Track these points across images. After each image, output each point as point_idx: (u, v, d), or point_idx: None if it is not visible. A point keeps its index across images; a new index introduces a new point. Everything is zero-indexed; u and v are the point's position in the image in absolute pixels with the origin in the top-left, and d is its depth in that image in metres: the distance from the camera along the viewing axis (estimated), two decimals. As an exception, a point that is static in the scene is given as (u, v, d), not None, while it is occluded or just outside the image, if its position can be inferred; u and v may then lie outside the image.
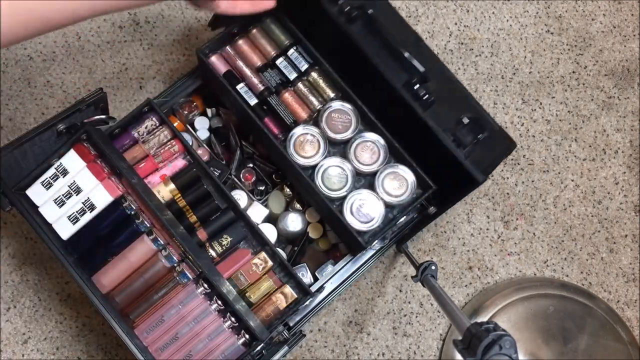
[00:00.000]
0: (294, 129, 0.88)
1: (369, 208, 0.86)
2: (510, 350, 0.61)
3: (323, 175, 0.88)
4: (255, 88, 0.90)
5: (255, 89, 0.90)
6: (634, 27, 1.24)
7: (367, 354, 1.06)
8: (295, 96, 0.90)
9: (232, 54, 0.91)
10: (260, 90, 0.89)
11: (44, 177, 0.84)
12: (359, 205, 0.87)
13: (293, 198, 0.99)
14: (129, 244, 0.84)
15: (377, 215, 0.86)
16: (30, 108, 1.08)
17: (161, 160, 0.88)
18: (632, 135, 1.19)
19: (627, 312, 1.12)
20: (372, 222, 0.86)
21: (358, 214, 0.86)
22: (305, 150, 0.88)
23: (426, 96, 0.83)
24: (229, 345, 0.83)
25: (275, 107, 0.89)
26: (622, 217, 1.15)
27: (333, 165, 0.88)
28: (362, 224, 0.86)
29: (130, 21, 1.14)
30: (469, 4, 1.22)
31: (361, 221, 0.86)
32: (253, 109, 0.89)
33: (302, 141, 0.88)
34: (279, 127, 0.90)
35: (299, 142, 0.88)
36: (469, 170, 0.82)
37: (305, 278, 0.95)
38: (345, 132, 0.88)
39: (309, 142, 0.87)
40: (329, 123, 0.88)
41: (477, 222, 1.12)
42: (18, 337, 1.01)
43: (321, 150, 0.88)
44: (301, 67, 0.90)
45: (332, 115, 0.88)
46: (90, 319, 1.02)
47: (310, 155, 0.88)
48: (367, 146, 0.88)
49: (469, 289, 1.10)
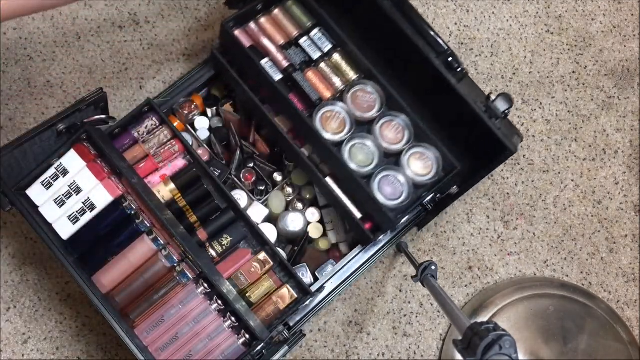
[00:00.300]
0: (320, 105, 0.89)
1: (397, 186, 0.87)
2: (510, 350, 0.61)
3: (350, 152, 0.88)
4: (280, 64, 0.91)
5: (279, 65, 0.91)
6: (634, 27, 1.24)
7: (367, 354, 1.06)
8: (319, 75, 0.92)
9: (255, 30, 0.92)
10: (285, 66, 0.90)
11: (44, 177, 0.84)
12: (386, 183, 0.87)
13: (293, 198, 0.99)
14: (129, 243, 0.84)
15: (405, 193, 0.87)
16: (30, 108, 1.08)
17: (161, 160, 0.88)
18: (632, 135, 1.19)
19: (627, 312, 1.12)
20: (400, 200, 0.87)
21: (386, 191, 0.87)
22: (331, 126, 0.88)
23: (459, 68, 0.86)
24: (229, 345, 0.83)
25: (300, 84, 0.89)
26: (622, 217, 1.16)
27: (359, 143, 0.89)
28: (390, 201, 0.86)
29: (130, 21, 1.14)
30: (469, 4, 1.22)
31: (389, 198, 0.86)
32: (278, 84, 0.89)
33: (328, 117, 0.88)
34: (304, 104, 0.90)
35: (325, 117, 0.89)
36: (503, 140, 0.84)
37: (305, 278, 0.95)
38: (370, 111, 0.89)
39: (335, 119, 0.88)
40: (354, 102, 0.89)
41: (477, 222, 1.12)
42: (18, 337, 1.01)
43: (347, 127, 0.89)
44: (324, 47, 0.92)
45: (357, 94, 0.90)
46: (90, 319, 1.02)
47: (337, 131, 0.88)
48: (392, 125, 0.89)
49: (469, 289, 1.10)
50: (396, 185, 0.87)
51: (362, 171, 0.88)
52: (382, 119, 0.89)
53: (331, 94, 0.91)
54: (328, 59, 0.93)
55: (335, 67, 0.92)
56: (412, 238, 1.10)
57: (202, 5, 1.16)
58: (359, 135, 0.89)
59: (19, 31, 1.11)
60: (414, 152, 0.89)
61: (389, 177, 0.88)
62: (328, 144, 0.87)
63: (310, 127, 0.87)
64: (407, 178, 0.88)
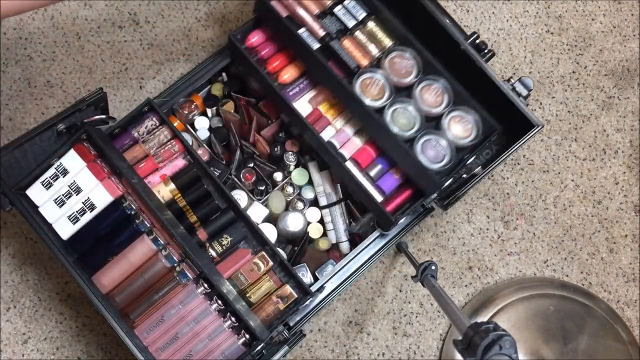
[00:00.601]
0: (359, 72, 0.90)
1: (439, 149, 0.88)
2: (510, 350, 0.61)
3: (392, 116, 0.90)
4: (316, 34, 0.92)
5: (316, 35, 0.92)
6: (634, 27, 1.24)
7: (367, 353, 1.06)
8: (354, 43, 0.93)
9: (290, 0, 0.93)
10: (321, 35, 0.92)
11: (44, 177, 0.84)
12: (429, 146, 0.88)
13: (293, 198, 0.99)
14: (129, 243, 0.84)
15: (447, 156, 0.88)
16: (30, 108, 1.08)
17: (161, 160, 0.88)
18: (632, 135, 1.19)
19: (627, 312, 1.12)
20: (442, 163, 0.88)
21: (429, 154, 0.88)
22: (371, 92, 0.90)
23: (487, 49, 0.90)
24: (229, 345, 0.83)
25: (338, 52, 0.91)
26: (622, 217, 1.16)
27: (401, 107, 0.90)
28: (433, 163, 0.88)
29: (130, 21, 1.14)
30: (469, 4, 1.22)
31: (432, 161, 0.88)
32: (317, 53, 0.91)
33: (367, 84, 0.90)
34: (342, 72, 0.91)
35: (364, 84, 0.90)
36: (529, 117, 0.87)
37: (305, 278, 0.95)
38: (408, 77, 0.91)
39: (375, 85, 0.90)
40: (392, 68, 0.91)
41: (477, 222, 1.12)
42: (18, 337, 1.01)
43: (387, 93, 0.90)
44: (358, 15, 0.93)
45: (395, 60, 0.91)
46: (90, 318, 1.02)
47: (376, 97, 0.90)
48: (431, 89, 0.91)
49: (469, 289, 1.10)
50: (438, 149, 0.89)
51: (405, 135, 0.89)
52: (421, 82, 0.91)
53: (368, 61, 0.93)
54: (363, 26, 0.94)
55: (370, 35, 0.94)
56: (412, 238, 1.10)
57: (202, 5, 1.16)
58: (399, 100, 0.91)
59: (19, 31, 1.11)
60: (454, 116, 0.90)
61: (430, 141, 0.89)
62: (370, 109, 0.88)
63: (351, 94, 0.88)
64: (448, 141, 0.90)
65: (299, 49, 0.91)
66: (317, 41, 0.92)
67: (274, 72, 0.94)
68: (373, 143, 0.93)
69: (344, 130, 0.94)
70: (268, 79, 0.92)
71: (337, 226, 0.99)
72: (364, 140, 0.94)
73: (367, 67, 0.92)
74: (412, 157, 0.87)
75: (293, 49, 0.93)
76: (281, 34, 0.94)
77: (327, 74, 0.89)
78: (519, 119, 0.88)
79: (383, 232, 0.95)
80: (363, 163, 0.92)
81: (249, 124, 1.01)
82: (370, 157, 0.93)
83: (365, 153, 0.93)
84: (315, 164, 1.00)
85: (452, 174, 0.89)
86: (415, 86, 0.91)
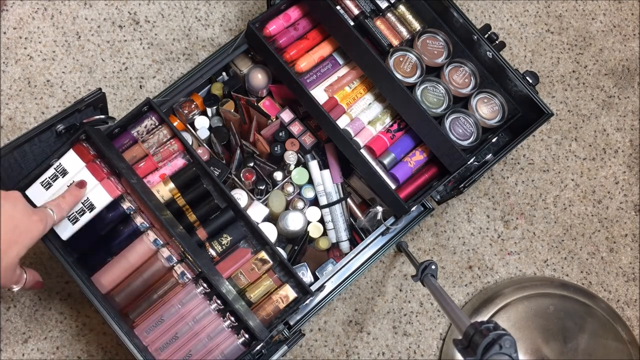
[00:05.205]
0: (393, 49, 0.95)
1: (466, 127, 0.93)
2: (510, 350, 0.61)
3: (422, 94, 0.94)
4: (350, 12, 0.96)
5: (350, 13, 0.96)
6: (634, 27, 1.24)
7: (367, 353, 1.06)
8: (386, 23, 0.98)
9: None
10: (356, 14, 0.96)
11: (43, 177, 0.84)
12: (457, 124, 0.93)
13: (293, 197, 0.99)
14: (128, 243, 0.84)
15: (474, 134, 0.93)
16: (30, 108, 1.08)
17: (161, 160, 0.88)
18: (632, 135, 1.19)
19: (627, 312, 1.12)
20: (469, 140, 0.93)
21: (457, 131, 0.93)
22: (403, 69, 0.94)
23: (498, 40, 0.95)
24: (229, 345, 0.83)
25: (372, 30, 0.95)
26: (622, 217, 1.15)
27: (431, 86, 0.95)
28: (460, 140, 0.92)
29: (130, 21, 1.14)
30: (469, 3, 1.21)
31: (459, 138, 0.92)
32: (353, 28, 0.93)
33: (400, 61, 0.94)
34: (375, 50, 0.95)
35: (397, 61, 0.94)
36: (541, 104, 0.91)
37: (305, 277, 0.95)
38: (439, 58, 0.96)
39: (407, 62, 0.94)
40: (424, 48, 0.96)
41: (477, 221, 1.12)
42: (18, 337, 1.01)
43: (418, 71, 0.95)
44: None
45: (427, 41, 0.96)
46: (90, 318, 1.02)
47: (408, 75, 0.94)
48: (460, 71, 0.96)
49: (469, 289, 1.10)
50: (466, 127, 0.93)
51: (434, 112, 0.94)
52: (450, 64, 0.96)
53: (398, 42, 0.97)
54: (394, 9, 0.99)
55: (401, 17, 0.99)
56: (412, 237, 1.10)
57: (202, 5, 1.16)
58: (429, 79, 0.95)
59: (19, 31, 1.11)
60: (481, 97, 0.95)
61: (459, 119, 0.94)
62: (402, 85, 0.92)
63: (385, 69, 0.92)
64: (475, 120, 0.94)
65: (335, 25, 0.94)
66: (351, 19, 0.96)
67: (290, 60, 0.96)
68: (387, 132, 0.96)
69: (359, 119, 0.96)
70: (286, 66, 0.94)
71: (337, 225, 0.99)
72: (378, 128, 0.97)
73: (399, 46, 0.97)
74: (440, 132, 0.91)
75: (328, 25, 0.96)
76: (317, 10, 0.96)
77: (363, 49, 0.92)
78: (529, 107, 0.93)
79: (388, 226, 0.96)
80: (377, 151, 0.94)
81: (249, 124, 1.01)
82: (384, 146, 0.95)
83: (379, 141, 0.95)
84: (316, 163, 1.00)
85: (475, 152, 0.93)
86: (445, 67, 0.96)
